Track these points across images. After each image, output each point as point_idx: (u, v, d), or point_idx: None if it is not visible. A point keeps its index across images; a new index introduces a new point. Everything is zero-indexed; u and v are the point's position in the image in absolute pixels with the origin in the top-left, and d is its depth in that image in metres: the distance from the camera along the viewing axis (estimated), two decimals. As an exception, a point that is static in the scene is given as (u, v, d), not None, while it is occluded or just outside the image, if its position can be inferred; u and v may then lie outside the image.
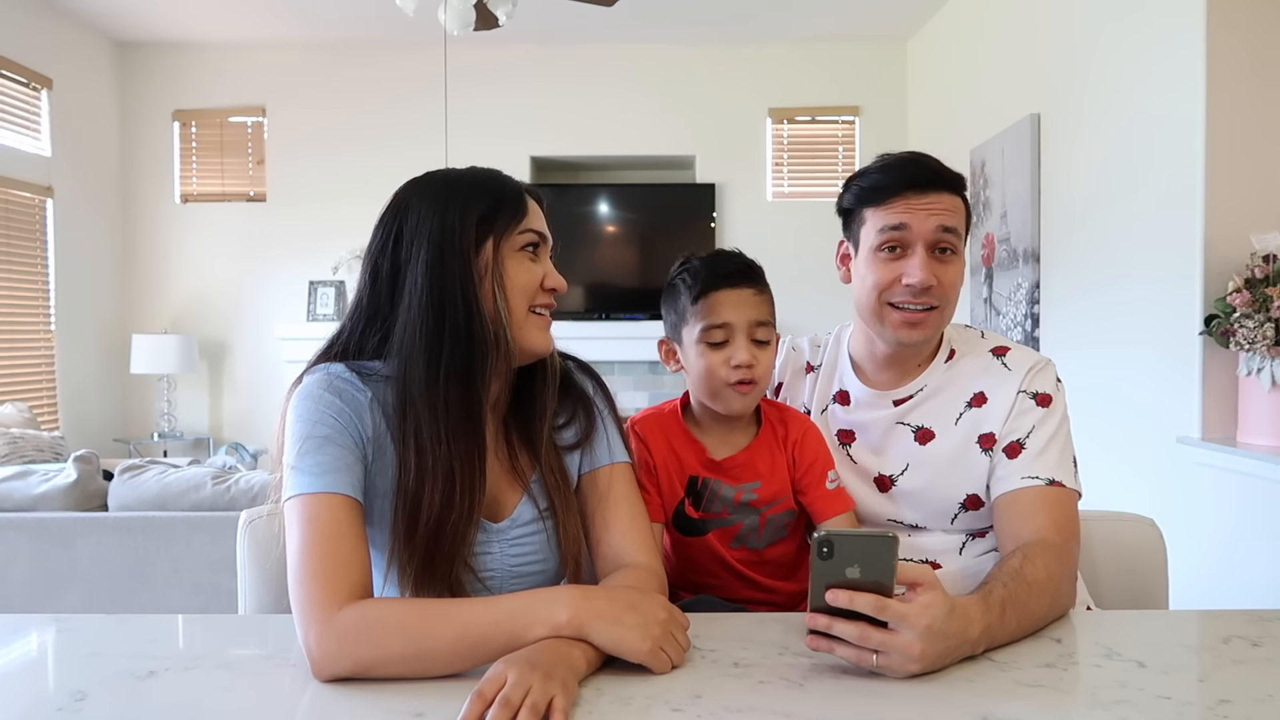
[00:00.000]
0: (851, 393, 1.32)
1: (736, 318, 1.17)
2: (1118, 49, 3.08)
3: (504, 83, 5.37)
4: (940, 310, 1.22)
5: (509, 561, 1.08)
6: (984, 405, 1.24)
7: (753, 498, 1.22)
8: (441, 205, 1.04)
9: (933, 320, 1.22)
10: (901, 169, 1.21)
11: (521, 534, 1.08)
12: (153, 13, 4.91)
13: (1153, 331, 2.85)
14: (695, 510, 1.22)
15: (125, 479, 2.58)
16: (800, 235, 5.32)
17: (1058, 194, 3.55)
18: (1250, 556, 2.42)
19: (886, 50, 5.40)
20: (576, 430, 1.13)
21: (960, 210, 1.23)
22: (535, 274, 1.07)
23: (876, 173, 1.22)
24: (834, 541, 0.85)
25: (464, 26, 3.31)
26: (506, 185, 1.08)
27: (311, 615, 0.88)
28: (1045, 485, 1.18)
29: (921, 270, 1.18)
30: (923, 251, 1.19)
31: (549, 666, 0.80)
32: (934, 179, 1.20)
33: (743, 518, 1.22)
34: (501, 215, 1.05)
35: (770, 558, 1.24)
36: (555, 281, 1.08)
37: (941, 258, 1.20)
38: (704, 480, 1.22)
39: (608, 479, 1.12)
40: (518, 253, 1.06)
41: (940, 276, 1.20)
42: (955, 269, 1.21)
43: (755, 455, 1.23)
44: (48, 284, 4.78)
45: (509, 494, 1.10)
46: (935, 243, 1.19)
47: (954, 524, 1.25)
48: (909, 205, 1.19)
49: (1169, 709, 0.80)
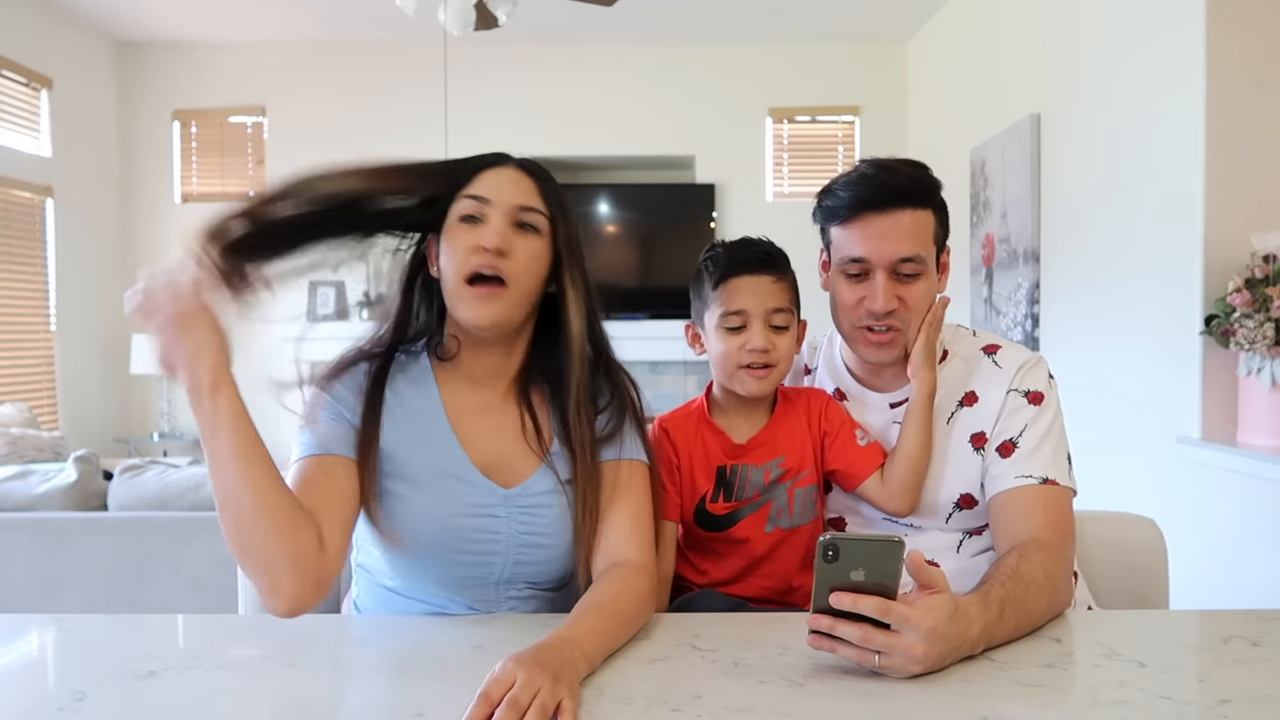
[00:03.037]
0: (850, 394, 1.34)
1: (753, 304, 1.20)
2: (1118, 49, 3.08)
3: (504, 83, 5.37)
4: (905, 331, 1.23)
5: (516, 528, 1.08)
6: (975, 404, 1.25)
7: (780, 473, 1.24)
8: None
9: (899, 340, 1.23)
10: (861, 187, 1.20)
11: (533, 503, 1.09)
12: (153, 13, 4.91)
13: (1153, 331, 2.85)
14: (726, 501, 1.24)
15: (125, 479, 2.58)
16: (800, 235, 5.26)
17: (1058, 194, 3.55)
18: (1250, 556, 2.42)
19: (886, 50, 5.40)
20: (608, 419, 1.14)
21: (927, 227, 1.20)
22: (467, 239, 1.06)
23: (841, 189, 1.22)
24: (839, 546, 0.85)
25: (464, 26, 3.31)
26: (466, 164, 1.10)
27: None
28: (1039, 484, 1.18)
29: (881, 296, 1.19)
30: (883, 277, 1.19)
31: (557, 669, 0.80)
32: (893, 197, 1.18)
33: (773, 496, 1.24)
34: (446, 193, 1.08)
35: (799, 541, 1.24)
36: (480, 239, 1.04)
37: (904, 280, 1.20)
38: (732, 468, 1.24)
39: (619, 473, 1.12)
40: (455, 224, 1.08)
41: (904, 297, 1.20)
42: (919, 288, 1.21)
43: (775, 430, 1.25)
44: (48, 284, 4.78)
45: (522, 461, 1.10)
46: (895, 269, 1.20)
47: (949, 523, 1.26)
48: (866, 228, 1.19)
49: (1169, 709, 0.80)
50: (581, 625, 0.92)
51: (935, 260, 1.24)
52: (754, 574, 1.25)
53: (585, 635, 0.90)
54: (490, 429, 1.11)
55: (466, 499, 1.07)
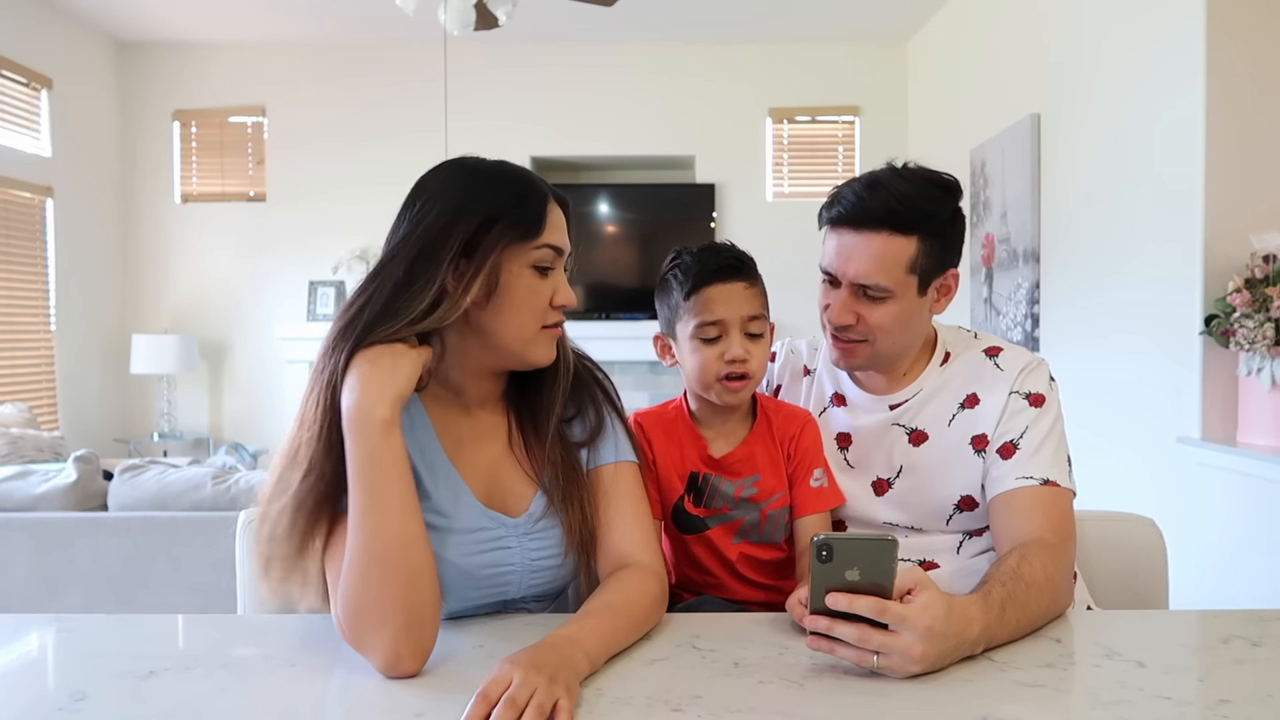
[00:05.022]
0: (848, 396, 1.34)
1: (729, 313, 1.17)
2: (1118, 49, 3.08)
3: (504, 83, 5.37)
4: (871, 344, 1.24)
5: (529, 556, 1.07)
6: (976, 406, 1.25)
7: (753, 492, 1.22)
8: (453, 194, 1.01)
9: (863, 352, 1.25)
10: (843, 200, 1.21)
11: (540, 527, 1.08)
12: (153, 13, 4.91)
13: (1153, 331, 2.85)
14: (695, 506, 1.23)
15: (125, 479, 2.58)
16: (800, 235, 5.29)
17: (1058, 194, 3.55)
18: (1250, 556, 2.42)
19: (886, 50, 5.40)
20: (584, 426, 1.13)
21: (902, 254, 1.19)
22: (544, 293, 1.03)
23: (844, 189, 1.23)
24: (833, 545, 0.85)
25: (464, 26, 3.31)
26: (532, 189, 1.04)
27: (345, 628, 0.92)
28: (1040, 485, 1.18)
29: (837, 309, 1.23)
30: (845, 293, 1.22)
31: (554, 669, 0.80)
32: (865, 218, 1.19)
33: (744, 513, 1.22)
34: (517, 222, 1.01)
35: (771, 556, 1.24)
36: (565, 298, 1.05)
37: (867, 299, 1.21)
38: (704, 476, 1.23)
39: (612, 477, 1.11)
40: (528, 269, 1.02)
41: (865, 315, 1.22)
42: (884, 310, 1.21)
43: (753, 449, 1.24)
44: (48, 284, 4.78)
45: (524, 488, 1.09)
46: (856, 289, 1.21)
47: (949, 525, 1.26)
48: (840, 241, 1.21)
49: (1169, 709, 0.80)
50: (586, 624, 0.92)
51: (922, 284, 1.22)
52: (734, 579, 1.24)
53: (589, 634, 0.90)
54: (485, 456, 1.09)
55: (478, 536, 1.04)
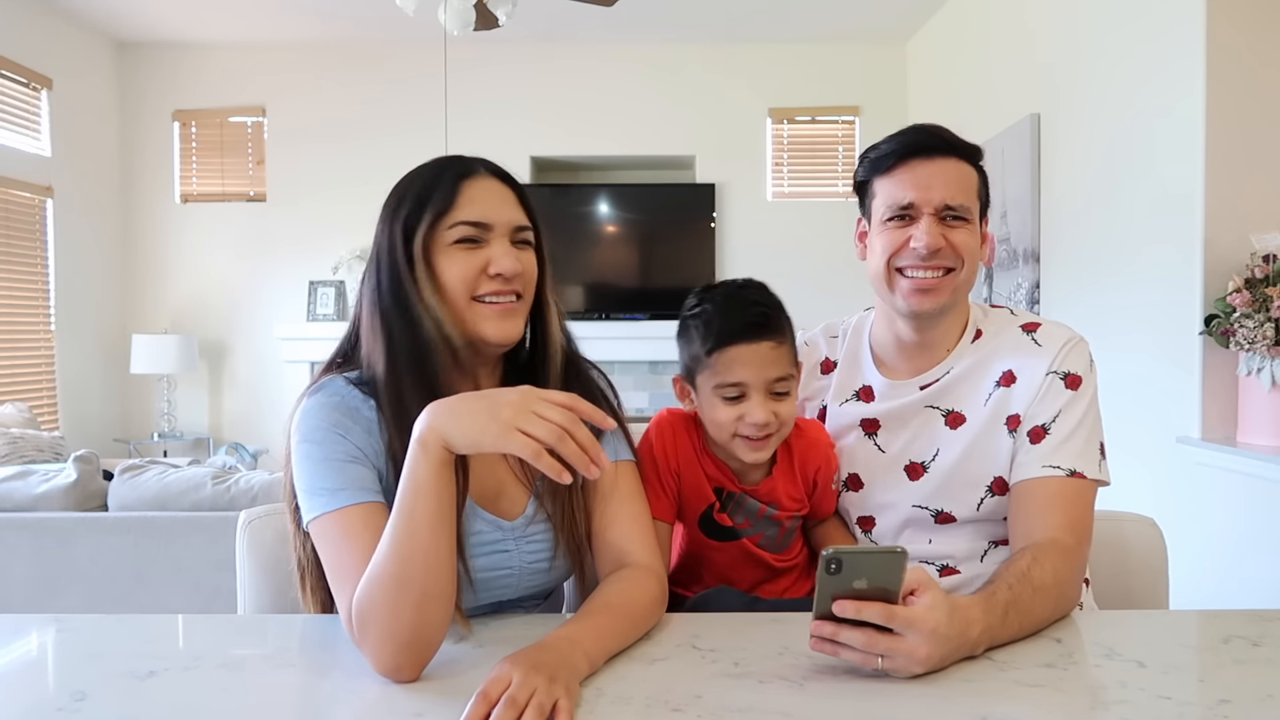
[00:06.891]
0: (875, 388, 1.29)
1: (753, 377, 1.11)
2: (1118, 49, 3.08)
3: (504, 83, 5.37)
4: (956, 273, 1.19)
5: (525, 559, 1.07)
6: (1013, 384, 1.22)
7: (775, 512, 1.22)
8: (386, 213, 1.07)
9: (947, 286, 1.19)
10: (909, 135, 1.21)
11: (535, 531, 1.08)
12: (153, 13, 4.91)
13: (1153, 331, 2.85)
14: (728, 519, 1.21)
15: (125, 479, 2.58)
16: (800, 235, 5.32)
17: (1058, 194, 3.55)
18: (1250, 556, 2.42)
19: (886, 50, 5.40)
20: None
21: (971, 180, 1.20)
22: (471, 264, 1.04)
23: (885, 142, 1.22)
24: (843, 559, 0.84)
25: (464, 26, 3.31)
26: (440, 179, 1.06)
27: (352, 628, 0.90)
28: (1065, 476, 1.15)
29: (928, 234, 1.16)
30: (930, 218, 1.17)
31: (554, 669, 0.81)
32: (941, 145, 1.19)
33: (764, 529, 1.22)
34: (425, 214, 1.04)
35: (784, 564, 1.25)
36: (499, 266, 1.04)
37: (951, 224, 1.18)
38: (729, 493, 1.22)
39: (611, 477, 1.10)
40: (449, 247, 1.04)
41: (951, 239, 1.18)
42: (966, 233, 1.19)
43: (776, 484, 1.22)
44: (48, 284, 4.78)
45: (514, 486, 1.09)
46: (942, 212, 1.18)
47: (980, 510, 1.22)
48: (913, 173, 1.18)
49: (1169, 709, 0.80)
50: (586, 624, 0.92)
51: (981, 217, 1.22)
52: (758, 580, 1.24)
53: (589, 634, 0.90)
54: (480, 458, 1.07)
55: (475, 540, 1.04)
